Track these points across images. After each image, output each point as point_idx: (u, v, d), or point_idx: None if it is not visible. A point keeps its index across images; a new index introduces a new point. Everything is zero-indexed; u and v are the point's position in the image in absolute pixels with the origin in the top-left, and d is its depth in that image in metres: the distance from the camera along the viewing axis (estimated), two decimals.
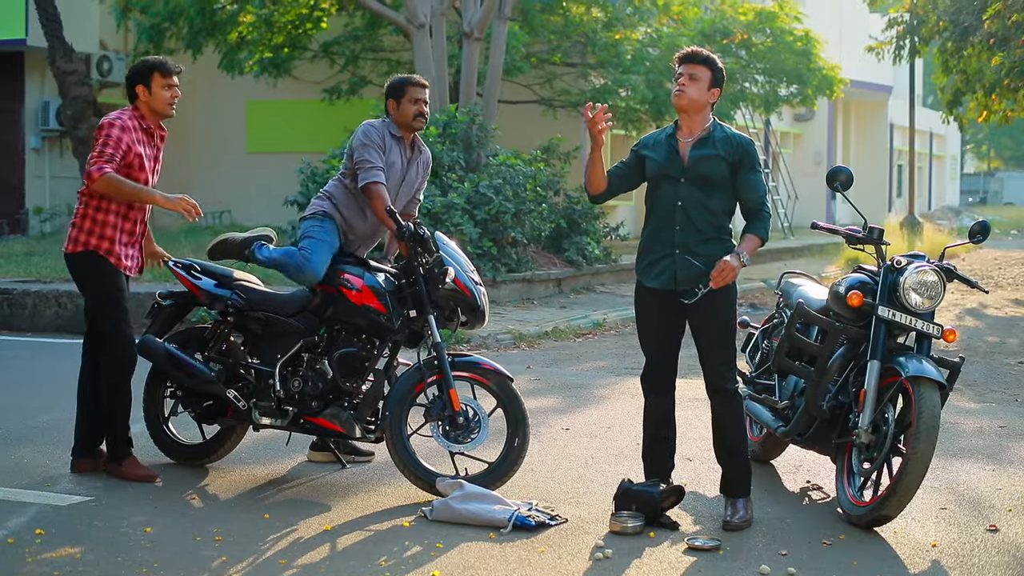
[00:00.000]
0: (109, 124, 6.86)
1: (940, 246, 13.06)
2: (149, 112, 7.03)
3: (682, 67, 6.39)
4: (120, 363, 6.97)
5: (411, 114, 7.25)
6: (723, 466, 6.51)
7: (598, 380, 10.77)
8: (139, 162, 6.88)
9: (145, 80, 6.99)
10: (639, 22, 21.80)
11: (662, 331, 6.50)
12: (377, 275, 7.00)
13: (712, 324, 6.36)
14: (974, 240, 6.79)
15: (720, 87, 6.43)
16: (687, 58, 6.40)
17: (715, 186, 6.33)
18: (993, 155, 77.74)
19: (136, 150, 6.86)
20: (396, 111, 7.27)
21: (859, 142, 39.86)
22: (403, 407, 6.81)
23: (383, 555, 5.76)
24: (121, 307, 6.96)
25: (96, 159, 6.80)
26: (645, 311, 6.57)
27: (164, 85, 7.00)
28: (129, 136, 6.85)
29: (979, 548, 5.99)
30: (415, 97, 7.25)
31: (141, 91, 7.00)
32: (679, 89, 6.36)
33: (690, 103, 6.34)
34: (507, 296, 15.75)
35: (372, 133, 7.20)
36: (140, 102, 7.02)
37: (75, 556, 5.64)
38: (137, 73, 7.03)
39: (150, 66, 7.04)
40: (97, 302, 7.01)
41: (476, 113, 16.94)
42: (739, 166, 6.31)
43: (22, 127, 23.31)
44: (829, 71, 23.11)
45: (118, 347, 6.97)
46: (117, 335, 6.96)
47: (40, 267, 16.39)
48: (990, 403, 9.86)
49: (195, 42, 20.43)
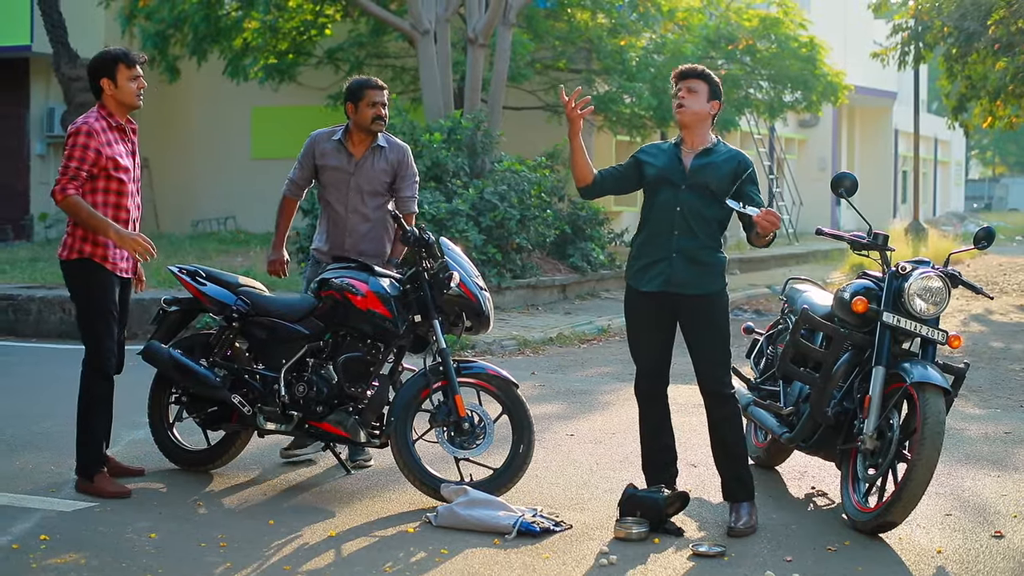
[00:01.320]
0: (75, 132, 6.70)
1: (945, 252, 13.04)
2: (116, 106, 6.84)
3: (680, 84, 6.50)
4: (98, 378, 6.87)
5: (369, 117, 7.49)
6: (721, 471, 6.51)
7: (603, 386, 10.77)
8: (113, 164, 6.72)
9: (110, 73, 6.79)
10: (644, 29, 21.80)
11: (655, 336, 6.55)
12: (382, 280, 7.00)
13: (706, 327, 6.41)
14: (979, 246, 6.78)
15: (719, 99, 6.55)
16: (683, 75, 6.53)
17: (714, 196, 6.39)
18: (998, 161, 77.68)
19: (107, 152, 6.70)
20: (355, 114, 7.52)
21: (864, 148, 39.85)
22: (408, 412, 6.81)
23: (388, 561, 5.76)
24: (108, 322, 6.83)
25: (60, 177, 6.68)
26: (637, 317, 6.63)
27: (129, 77, 6.81)
28: (97, 140, 6.68)
29: (984, 554, 5.98)
30: (373, 100, 7.48)
31: (107, 84, 6.80)
32: (680, 104, 6.48)
33: (692, 116, 6.45)
34: (512, 302, 15.75)
35: (305, 145, 7.67)
36: (106, 96, 6.82)
37: (79, 562, 5.64)
38: (100, 66, 6.82)
39: (113, 57, 6.83)
40: (86, 312, 6.89)
41: (481, 119, 16.95)
42: (740, 179, 6.37)
43: (27, 133, 23.36)
44: (834, 77, 23.10)
45: (97, 360, 6.85)
46: (99, 350, 6.84)
47: (45, 273, 16.41)
48: (995, 409, 9.84)
49: (200, 48, 20.45)
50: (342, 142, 7.58)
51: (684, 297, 6.40)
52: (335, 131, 7.67)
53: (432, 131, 16.32)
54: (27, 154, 23.43)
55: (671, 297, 6.42)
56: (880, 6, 24.65)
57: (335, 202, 7.58)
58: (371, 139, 7.58)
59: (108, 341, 6.85)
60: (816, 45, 22.63)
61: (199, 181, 24.66)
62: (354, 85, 7.57)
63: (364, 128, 7.51)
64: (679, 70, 6.57)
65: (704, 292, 6.39)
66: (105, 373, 6.88)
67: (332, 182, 7.58)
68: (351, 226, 7.57)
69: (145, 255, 6.67)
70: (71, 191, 6.64)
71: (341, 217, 7.58)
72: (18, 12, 22.16)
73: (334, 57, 21.49)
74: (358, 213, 7.56)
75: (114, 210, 6.79)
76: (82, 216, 6.67)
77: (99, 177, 6.73)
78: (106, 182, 6.75)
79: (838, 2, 35.11)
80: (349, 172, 7.55)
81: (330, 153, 7.59)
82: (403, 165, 7.67)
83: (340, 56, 21.43)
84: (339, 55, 21.43)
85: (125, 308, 7.06)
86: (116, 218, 6.77)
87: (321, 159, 7.60)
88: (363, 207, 7.56)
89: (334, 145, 7.59)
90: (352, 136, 7.58)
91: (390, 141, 7.69)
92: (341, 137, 7.60)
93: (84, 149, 6.66)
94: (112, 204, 6.78)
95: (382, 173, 7.60)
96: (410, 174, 7.71)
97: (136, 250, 6.65)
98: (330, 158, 7.58)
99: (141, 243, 6.65)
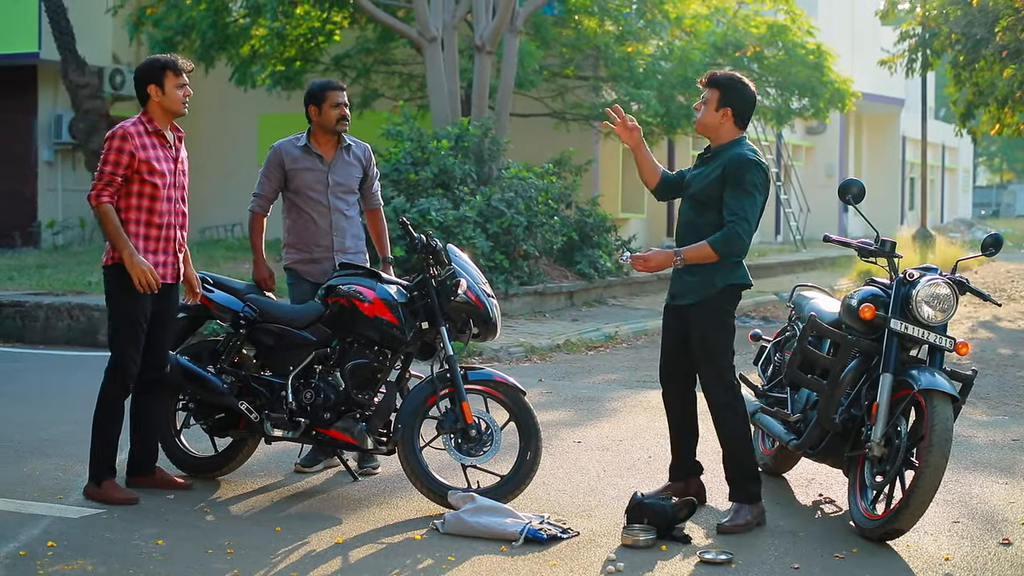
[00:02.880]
0: (111, 136, 6.78)
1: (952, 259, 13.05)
2: (161, 113, 6.89)
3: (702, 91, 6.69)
4: (117, 385, 6.87)
5: (334, 118, 7.59)
6: (724, 471, 6.63)
7: (610, 393, 10.76)
8: (147, 168, 6.75)
9: (158, 80, 6.86)
10: (651, 36, 21.79)
11: (668, 340, 6.82)
12: (389, 287, 7.01)
13: (700, 331, 6.52)
14: (987, 253, 6.77)
15: (731, 105, 6.55)
16: (704, 82, 6.67)
17: (705, 205, 6.55)
18: (1005, 167, 77.59)
19: (141, 156, 6.73)
20: (318, 116, 7.62)
21: (871, 155, 39.82)
22: (415, 419, 6.81)
23: (395, 568, 5.76)
24: (133, 330, 6.82)
25: (96, 181, 6.76)
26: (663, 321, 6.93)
27: (177, 84, 6.88)
28: (131, 143, 6.72)
29: (992, 562, 5.97)
30: (336, 101, 7.59)
31: (154, 91, 6.86)
32: (695, 114, 6.68)
33: (702, 128, 6.65)
34: (519, 309, 15.75)
35: (268, 159, 7.69)
36: (152, 103, 6.87)
37: (87, 568, 5.64)
38: (149, 73, 6.89)
39: (162, 65, 6.91)
40: (112, 318, 6.92)
41: (488, 126, 16.95)
42: (727, 181, 6.45)
43: (35, 140, 23.40)
44: (841, 84, 23.08)
45: (119, 367, 6.85)
46: (121, 357, 6.85)
47: (52, 280, 16.44)
48: (1003, 416, 9.83)
49: (207, 55, 20.46)
50: (308, 146, 7.65)
51: (682, 307, 6.60)
52: (298, 138, 7.72)
53: (439, 138, 16.32)
54: (35, 161, 23.47)
55: (673, 309, 6.71)
56: (887, 13, 24.66)
57: (315, 203, 7.62)
58: (336, 139, 7.67)
59: (131, 350, 6.84)
60: (823, 52, 22.61)
61: (206, 188, 24.61)
62: (315, 87, 7.68)
63: (329, 129, 7.60)
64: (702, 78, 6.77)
65: (696, 300, 6.53)
66: (123, 382, 6.88)
67: (308, 184, 7.61)
68: (335, 223, 7.63)
69: (146, 287, 6.69)
70: (105, 199, 6.72)
71: (323, 216, 7.62)
72: (26, 19, 22.20)
73: (341, 64, 21.48)
74: (339, 211, 7.64)
75: (147, 214, 6.82)
76: (108, 227, 6.74)
77: (133, 181, 6.78)
78: (140, 186, 6.78)
79: (845, 9, 35.10)
80: (325, 171, 7.62)
81: (300, 158, 7.64)
82: (371, 162, 7.85)
83: (347, 63, 21.43)
84: (346, 62, 21.43)
85: (166, 315, 7.02)
86: (149, 222, 6.82)
87: (292, 165, 7.63)
88: (342, 204, 7.66)
89: (301, 150, 7.65)
90: (317, 138, 7.66)
91: (354, 139, 7.83)
92: (306, 142, 7.66)
93: (119, 153, 6.73)
94: (145, 208, 6.81)
95: (354, 170, 7.74)
96: (376, 172, 7.93)
97: (140, 279, 6.67)
98: (301, 162, 7.63)
99: (147, 275, 6.68)
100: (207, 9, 19.85)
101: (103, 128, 20.00)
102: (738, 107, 6.55)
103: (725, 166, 6.45)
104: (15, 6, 22.06)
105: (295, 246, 7.72)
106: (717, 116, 6.53)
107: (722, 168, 6.45)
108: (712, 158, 6.57)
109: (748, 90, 6.62)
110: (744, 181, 6.40)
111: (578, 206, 18.14)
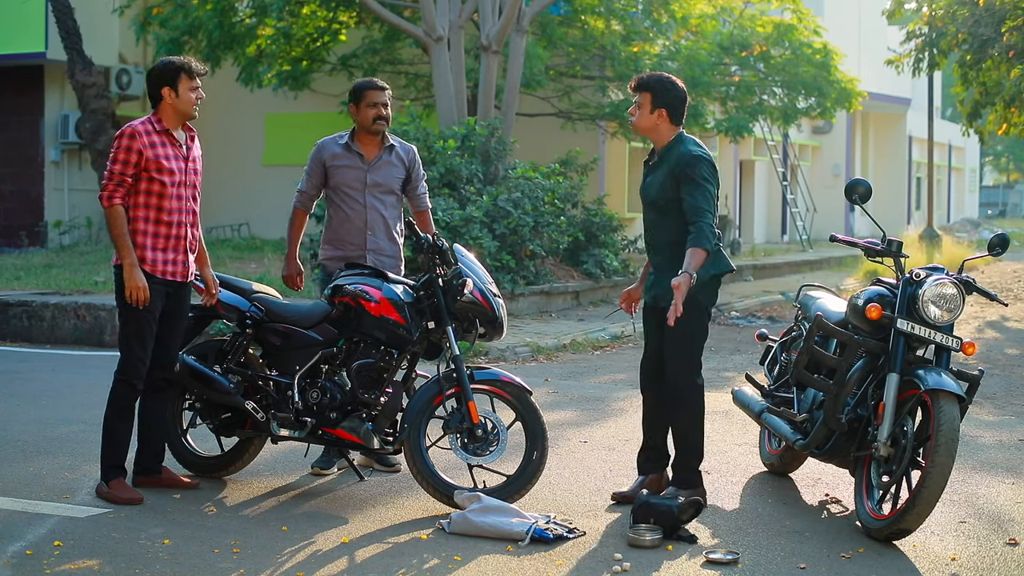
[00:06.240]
0: (119, 135, 6.81)
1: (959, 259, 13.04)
2: (172, 114, 6.91)
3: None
4: (126, 385, 6.88)
5: (370, 117, 7.64)
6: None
7: (616, 393, 10.76)
8: (156, 166, 6.78)
9: (172, 82, 6.88)
10: (658, 35, 21.79)
11: (651, 343, 7.00)
12: (396, 287, 7.02)
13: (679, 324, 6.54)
14: (993, 253, 6.77)
15: (664, 106, 6.73)
16: (633, 86, 6.83)
17: (665, 209, 6.71)
18: (1012, 167, 77.47)
19: (149, 154, 6.76)
20: (357, 115, 7.70)
21: (878, 154, 39.78)
22: (422, 419, 6.81)
23: (401, 568, 5.76)
24: (140, 331, 6.83)
25: (107, 182, 6.79)
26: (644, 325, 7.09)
27: (190, 87, 6.92)
28: (139, 141, 6.75)
29: (999, 562, 5.96)
30: (373, 101, 7.64)
31: (167, 93, 6.88)
32: (630, 119, 6.88)
33: (641, 131, 6.87)
34: (525, 309, 15.76)
35: (311, 155, 7.78)
36: (164, 104, 6.89)
37: (93, 568, 5.65)
38: (163, 75, 6.90)
39: (176, 67, 6.92)
40: (122, 317, 6.93)
41: (495, 126, 16.96)
42: (679, 181, 6.55)
43: (42, 140, 23.41)
44: (848, 84, 23.06)
45: (129, 367, 6.86)
46: (128, 358, 6.86)
47: (59, 279, 16.46)
48: (1010, 416, 9.82)
49: (214, 55, 20.46)
50: (350, 145, 7.68)
51: (664, 309, 6.66)
52: (341, 136, 7.78)
53: (446, 138, 16.33)
54: (41, 161, 23.48)
55: (655, 311, 6.86)
56: (894, 12, 24.65)
57: (352, 200, 7.63)
58: (378, 139, 7.70)
59: (138, 350, 6.86)
60: (830, 51, 22.59)
61: (213, 188, 24.55)
62: (357, 86, 7.77)
63: (366, 128, 7.64)
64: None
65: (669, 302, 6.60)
66: (132, 382, 6.89)
67: (347, 181, 7.64)
68: (371, 222, 7.63)
69: (134, 303, 6.73)
70: (117, 200, 6.76)
71: (359, 214, 7.62)
72: (33, 19, 22.21)
73: (348, 64, 21.50)
74: (376, 210, 7.64)
75: (155, 212, 6.85)
76: (114, 232, 6.78)
77: (141, 179, 6.81)
78: (148, 184, 6.81)
79: (852, 8, 35.09)
80: (364, 169, 7.64)
81: (340, 155, 7.69)
82: (416, 164, 7.84)
83: (354, 63, 21.44)
84: (353, 62, 21.45)
85: (176, 315, 7.03)
86: (158, 220, 6.85)
87: (332, 162, 7.66)
88: (380, 204, 7.65)
89: (343, 148, 7.70)
90: (359, 138, 7.70)
91: (399, 141, 7.83)
92: (348, 140, 7.70)
93: (127, 151, 6.76)
94: (154, 206, 6.84)
95: (396, 171, 7.73)
96: (422, 173, 7.92)
97: (132, 292, 6.71)
98: (341, 159, 7.68)
99: (139, 292, 6.72)
100: (213, 9, 19.85)
101: (110, 128, 20.03)
102: (671, 106, 6.72)
103: (672, 168, 6.62)
104: (22, 6, 22.07)
105: (330, 242, 7.76)
106: (652, 118, 6.73)
107: (670, 170, 6.63)
108: (659, 163, 6.76)
109: (678, 88, 6.78)
110: (695, 176, 6.57)
111: (584, 206, 18.15)
